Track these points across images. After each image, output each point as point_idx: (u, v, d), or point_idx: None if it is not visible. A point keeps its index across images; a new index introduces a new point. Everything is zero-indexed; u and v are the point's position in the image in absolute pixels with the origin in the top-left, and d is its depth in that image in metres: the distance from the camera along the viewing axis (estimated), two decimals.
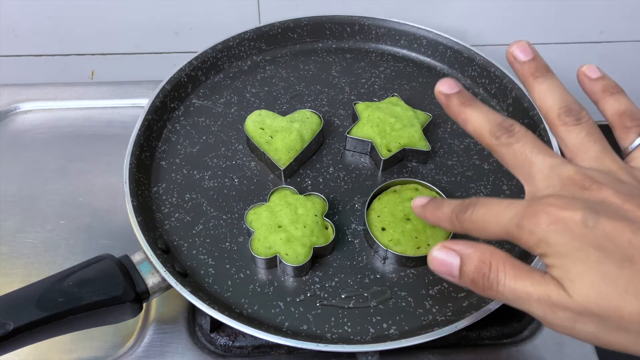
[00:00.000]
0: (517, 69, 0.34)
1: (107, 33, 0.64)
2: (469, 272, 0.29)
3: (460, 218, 0.31)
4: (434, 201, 0.35)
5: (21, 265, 0.47)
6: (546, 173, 0.29)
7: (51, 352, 0.43)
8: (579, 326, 0.27)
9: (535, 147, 0.30)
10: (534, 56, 0.34)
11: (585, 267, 0.26)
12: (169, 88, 0.52)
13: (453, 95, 0.33)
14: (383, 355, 0.41)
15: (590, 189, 0.28)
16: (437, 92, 0.34)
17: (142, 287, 0.39)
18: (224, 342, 0.44)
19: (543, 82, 0.33)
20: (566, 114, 0.31)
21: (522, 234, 0.28)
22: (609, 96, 0.33)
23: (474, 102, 0.33)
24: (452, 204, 0.32)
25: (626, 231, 0.26)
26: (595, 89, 0.34)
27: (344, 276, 0.43)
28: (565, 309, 0.27)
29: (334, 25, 0.59)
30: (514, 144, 0.31)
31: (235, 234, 0.45)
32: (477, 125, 0.32)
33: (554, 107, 0.32)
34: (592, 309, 0.26)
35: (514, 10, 0.64)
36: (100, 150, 0.55)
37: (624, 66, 0.70)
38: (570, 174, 0.29)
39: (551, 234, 0.27)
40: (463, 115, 0.33)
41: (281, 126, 0.48)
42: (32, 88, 0.60)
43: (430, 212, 0.34)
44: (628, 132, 0.32)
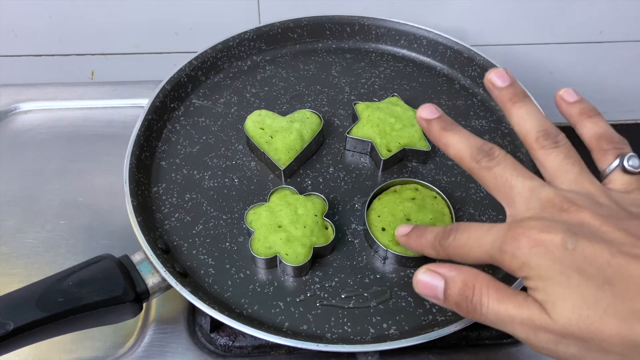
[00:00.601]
0: (496, 95, 0.35)
1: (107, 33, 0.64)
2: (453, 295, 0.30)
3: (444, 245, 0.32)
4: (416, 229, 0.35)
5: (21, 265, 0.47)
6: (526, 196, 0.30)
7: (51, 352, 0.43)
8: (562, 348, 0.27)
9: (515, 170, 0.31)
10: (512, 82, 0.34)
11: (566, 290, 0.26)
12: (169, 88, 0.52)
13: (434, 120, 0.34)
14: (383, 355, 0.41)
15: (569, 211, 0.28)
16: (419, 118, 0.35)
17: (142, 287, 0.39)
18: (224, 342, 0.44)
19: (521, 107, 0.33)
20: (544, 138, 0.32)
21: (505, 257, 0.28)
22: (586, 119, 0.34)
23: (454, 126, 0.34)
24: (434, 230, 0.33)
25: (605, 253, 0.26)
26: (573, 112, 0.34)
27: (344, 276, 0.43)
28: (548, 331, 0.27)
29: (334, 25, 0.59)
30: (494, 167, 0.31)
31: (235, 234, 0.45)
32: (457, 149, 0.33)
33: (532, 131, 0.32)
34: (574, 332, 0.26)
35: (514, 10, 0.64)
36: (100, 150, 0.55)
37: (624, 66, 0.70)
38: (549, 197, 0.29)
39: (532, 257, 0.27)
40: (444, 139, 0.33)
41: (281, 126, 0.48)
42: (32, 88, 0.60)
43: (414, 241, 0.35)
44: (605, 154, 0.32)
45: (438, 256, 0.33)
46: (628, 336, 0.25)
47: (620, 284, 0.26)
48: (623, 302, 0.25)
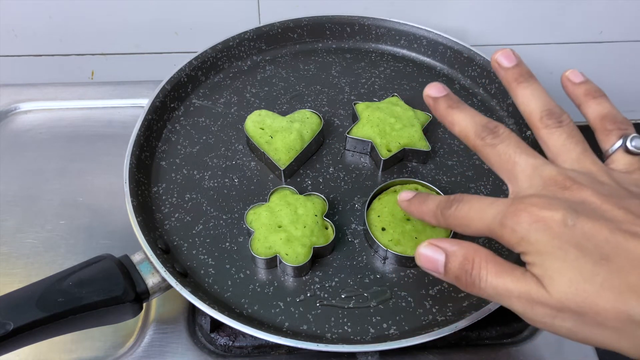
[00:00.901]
0: (502, 75, 0.35)
1: (107, 33, 0.64)
2: (453, 268, 0.30)
3: (445, 214, 0.32)
4: (419, 196, 0.36)
5: (21, 265, 0.47)
6: (528, 173, 0.30)
7: (51, 352, 0.43)
8: (558, 322, 0.28)
9: (519, 147, 0.31)
10: (518, 62, 0.35)
11: (563, 264, 0.27)
12: (169, 88, 0.52)
13: (441, 98, 0.34)
14: (383, 355, 0.41)
15: (571, 189, 0.29)
16: (426, 96, 0.35)
17: (142, 287, 0.39)
18: (224, 342, 0.44)
19: (526, 87, 0.34)
20: (548, 117, 0.32)
21: (504, 231, 0.29)
22: (591, 100, 0.34)
23: (460, 104, 0.34)
24: (436, 199, 0.34)
25: (604, 230, 0.27)
26: (578, 93, 0.35)
27: (344, 276, 0.43)
28: (545, 305, 0.27)
29: (334, 25, 0.59)
30: (498, 144, 0.32)
31: (235, 234, 0.45)
32: (463, 126, 0.33)
33: (536, 110, 0.33)
34: (570, 306, 0.27)
35: (514, 10, 0.64)
36: (100, 150, 0.55)
37: (624, 66, 0.70)
38: (552, 175, 0.30)
39: (532, 233, 0.28)
40: (450, 117, 0.34)
41: (281, 126, 0.48)
42: (32, 88, 0.60)
43: (415, 207, 0.35)
44: (609, 134, 0.33)
45: (438, 224, 0.33)
46: (623, 310, 0.26)
47: (617, 259, 0.26)
48: (619, 276, 0.26)
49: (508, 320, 0.45)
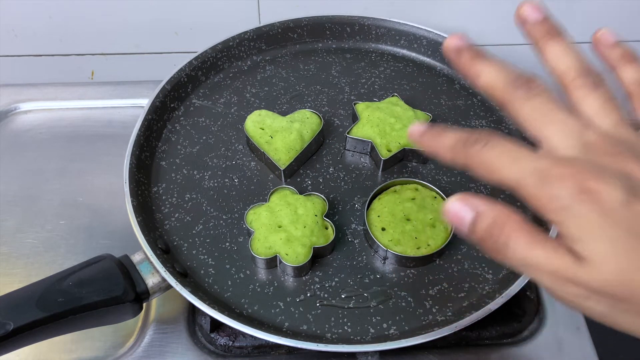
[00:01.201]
0: (528, 29, 0.31)
1: (107, 33, 0.64)
2: (480, 230, 0.27)
3: (467, 150, 0.28)
4: (435, 127, 0.31)
5: (21, 265, 0.47)
6: (567, 132, 0.27)
7: (51, 352, 0.43)
8: (590, 304, 0.26)
9: (559, 104, 0.28)
10: (547, 16, 0.31)
11: (612, 248, 0.24)
12: (169, 88, 0.52)
13: (464, 49, 0.31)
14: (383, 355, 0.41)
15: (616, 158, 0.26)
16: (446, 47, 0.31)
17: (142, 287, 0.39)
18: (224, 342, 0.44)
19: (558, 43, 0.30)
20: (584, 77, 0.29)
21: (541, 194, 0.25)
22: (627, 63, 0.31)
23: (487, 56, 0.30)
24: (457, 132, 0.29)
25: None
26: (613, 56, 0.32)
27: (344, 276, 0.43)
28: (579, 285, 0.25)
29: (334, 25, 0.59)
30: (532, 98, 0.28)
31: (235, 234, 0.45)
32: (490, 77, 0.29)
33: (570, 69, 0.29)
34: (612, 291, 0.25)
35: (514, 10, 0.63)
36: (100, 150, 0.55)
37: None
38: (594, 139, 0.27)
39: (577, 205, 0.25)
40: (474, 68, 0.30)
41: (281, 126, 0.48)
42: (32, 88, 0.60)
43: (430, 139, 0.30)
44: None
45: (455, 160, 0.29)
46: None
47: None
48: None
49: (508, 320, 0.45)
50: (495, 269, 0.43)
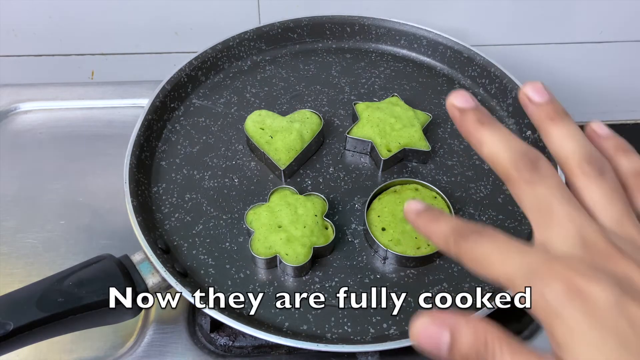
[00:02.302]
0: (532, 111, 0.30)
1: (107, 33, 0.64)
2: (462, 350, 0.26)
3: (459, 244, 0.27)
4: (430, 211, 0.30)
5: (21, 265, 0.47)
6: (567, 228, 0.26)
7: (51, 352, 0.43)
8: None
9: (561, 193, 0.27)
10: (551, 98, 0.30)
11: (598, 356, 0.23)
12: (169, 88, 0.52)
13: (470, 110, 0.29)
14: (383, 355, 0.41)
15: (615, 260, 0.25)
16: (450, 106, 0.30)
17: (142, 287, 0.39)
18: (224, 342, 0.44)
19: (563, 127, 0.29)
20: (589, 164, 0.28)
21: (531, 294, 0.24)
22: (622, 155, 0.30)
23: (492, 121, 0.29)
24: (451, 222, 0.28)
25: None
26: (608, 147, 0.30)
27: (344, 276, 0.43)
28: None
29: (334, 25, 0.59)
30: (537, 183, 0.27)
31: (235, 234, 0.45)
32: (495, 150, 0.28)
33: (575, 154, 0.28)
34: None
35: (514, 10, 0.64)
36: (100, 150, 0.55)
37: (624, 66, 0.70)
38: (594, 237, 0.25)
39: (567, 308, 0.23)
40: (479, 135, 0.29)
41: (281, 126, 0.48)
42: (32, 88, 0.60)
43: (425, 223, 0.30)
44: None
45: (447, 252, 0.28)
46: None
47: None
48: None
49: (508, 320, 0.45)
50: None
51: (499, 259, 0.26)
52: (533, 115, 0.30)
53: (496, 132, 0.29)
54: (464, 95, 0.30)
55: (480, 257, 0.26)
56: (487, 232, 0.27)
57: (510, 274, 0.25)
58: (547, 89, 0.30)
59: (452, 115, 0.30)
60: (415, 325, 0.27)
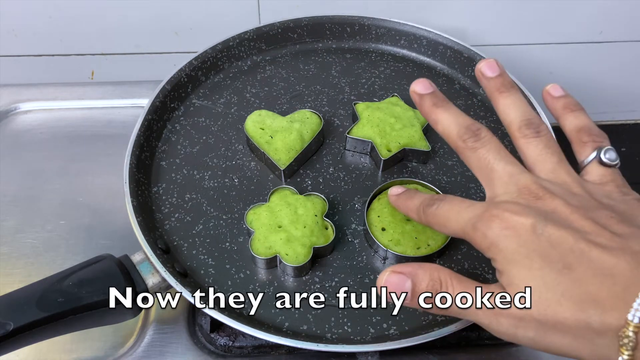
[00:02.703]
0: (484, 84, 0.36)
1: (107, 33, 0.64)
2: (421, 290, 0.31)
3: (426, 211, 0.33)
4: (407, 192, 0.37)
5: (21, 265, 0.47)
6: (505, 180, 0.31)
7: (51, 352, 0.43)
8: (521, 332, 0.28)
9: (499, 154, 0.32)
10: (501, 73, 0.35)
11: (528, 273, 0.28)
12: (169, 88, 0.52)
13: (426, 95, 0.35)
14: (383, 355, 0.41)
15: (543, 199, 0.29)
16: (412, 92, 0.35)
17: (142, 287, 0.39)
18: (224, 342, 0.44)
19: (507, 97, 0.34)
20: (526, 127, 0.33)
21: (476, 235, 0.30)
22: (569, 113, 0.35)
23: (446, 103, 0.35)
24: (422, 197, 0.35)
25: (569, 239, 0.27)
26: (557, 106, 0.36)
27: (344, 276, 0.43)
28: (508, 315, 0.28)
29: (334, 25, 0.59)
30: (479, 148, 0.32)
31: (235, 234, 0.45)
32: (445, 126, 0.34)
33: (515, 120, 0.34)
34: (532, 314, 0.27)
35: (514, 10, 0.64)
36: (100, 150, 0.55)
37: (624, 66, 0.70)
38: (526, 183, 0.30)
39: (501, 239, 0.29)
40: (434, 115, 0.34)
41: (281, 126, 0.48)
42: (32, 88, 0.60)
43: (402, 202, 0.37)
44: (584, 146, 0.33)
45: (419, 221, 0.35)
46: (582, 319, 0.26)
47: (579, 268, 0.27)
48: (580, 286, 0.27)
49: None
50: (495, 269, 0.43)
51: (454, 216, 0.31)
52: (486, 88, 0.36)
53: (447, 111, 0.34)
54: (423, 82, 0.35)
55: (441, 217, 0.32)
56: (446, 197, 0.33)
57: (463, 226, 0.31)
58: (500, 65, 0.36)
59: (413, 100, 0.35)
60: (381, 280, 0.32)
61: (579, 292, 0.26)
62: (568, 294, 0.27)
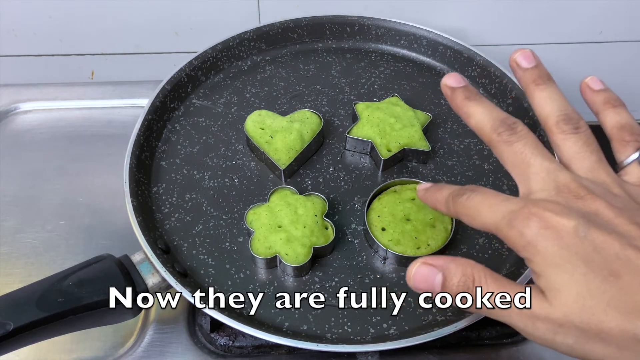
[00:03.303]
0: (520, 75, 0.34)
1: (107, 33, 0.64)
2: (453, 286, 0.30)
3: (455, 201, 0.31)
4: (436, 185, 0.35)
5: (21, 265, 0.47)
6: (542, 176, 0.30)
7: (51, 352, 0.43)
8: (559, 338, 0.27)
9: (536, 148, 0.30)
10: (537, 64, 0.34)
11: (571, 278, 0.26)
12: (169, 88, 0.52)
13: (459, 88, 0.33)
14: (383, 355, 0.41)
15: (584, 199, 0.28)
16: (443, 85, 0.34)
17: (142, 287, 0.39)
18: (224, 342, 0.44)
19: (544, 90, 0.33)
20: (565, 122, 0.31)
21: (511, 233, 0.28)
22: (610, 108, 0.33)
23: (479, 97, 0.33)
24: (451, 188, 0.33)
25: (615, 244, 0.26)
26: (597, 100, 0.34)
27: (344, 276, 0.43)
28: (547, 320, 0.27)
29: (334, 25, 0.59)
30: (515, 142, 0.31)
31: (235, 234, 0.45)
32: (479, 119, 0.32)
33: (552, 114, 0.32)
34: (574, 321, 0.26)
35: (514, 10, 0.64)
36: (100, 150, 0.55)
37: (624, 66, 0.70)
38: (566, 181, 0.29)
39: (540, 239, 0.27)
40: (466, 108, 0.33)
41: (281, 126, 0.48)
42: (32, 88, 0.60)
43: (431, 194, 0.34)
44: (626, 145, 0.32)
45: (448, 212, 0.33)
46: (629, 330, 0.25)
47: (626, 276, 0.26)
48: (627, 295, 0.25)
49: None
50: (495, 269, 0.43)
51: (487, 209, 0.29)
52: (521, 80, 0.34)
53: (481, 105, 0.33)
54: (455, 76, 0.34)
55: (472, 209, 0.30)
56: (478, 188, 0.31)
57: (497, 220, 0.29)
58: (535, 56, 0.34)
59: (445, 93, 0.34)
60: (411, 270, 0.31)
61: (626, 302, 0.25)
62: (614, 303, 0.25)
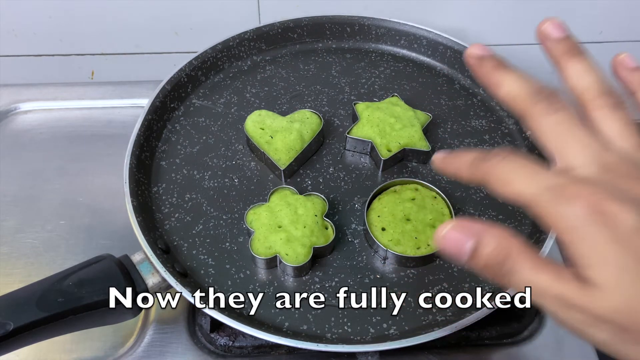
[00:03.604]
0: (549, 47, 0.31)
1: (107, 33, 0.64)
2: (484, 256, 0.26)
3: (481, 165, 0.28)
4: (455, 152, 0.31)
5: (21, 265, 0.47)
6: (586, 152, 0.26)
7: (51, 352, 0.43)
8: (593, 331, 0.25)
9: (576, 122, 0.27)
10: (569, 34, 0.30)
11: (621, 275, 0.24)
12: (169, 88, 0.52)
13: (487, 56, 0.30)
14: (383, 355, 0.41)
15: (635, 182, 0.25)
16: (468, 56, 0.31)
17: (142, 287, 0.39)
18: (224, 342, 0.44)
19: (579, 62, 0.30)
20: (607, 96, 0.28)
21: (551, 211, 0.25)
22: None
23: (510, 66, 0.30)
24: (475, 152, 0.29)
25: None
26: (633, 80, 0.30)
27: (344, 276, 0.43)
28: (584, 311, 0.24)
29: (334, 25, 0.59)
30: (553, 113, 0.28)
31: (235, 234, 0.45)
32: (512, 88, 0.29)
33: (592, 87, 0.29)
34: (617, 319, 0.24)
35: (514, 10, 0.63)
36: (100, 150, 0.55)
37: None
38: (612, 160, 0.26)
39: (590, 226, 0.24)
40: (497, 77, 0.30)
41: (281, 126, 0.48)
42: (32, 88, 0.60)
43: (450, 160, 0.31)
44: None
45: (472, 177, 0.29)
46: None
47: None
48: None
49: (508, 320, 0.45)
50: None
51: (524, 177, 0.26)
52: (550, 52, 0.31)
53: (512, 73, 0.29)
54: (480, 46, 0.31)
55: (505, 174, 0.27)
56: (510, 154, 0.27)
57: (535, 192, 0.25)
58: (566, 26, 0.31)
59: (469, 64, 0.31)
60: (442, 231, 0.27)
61: None
62: None
